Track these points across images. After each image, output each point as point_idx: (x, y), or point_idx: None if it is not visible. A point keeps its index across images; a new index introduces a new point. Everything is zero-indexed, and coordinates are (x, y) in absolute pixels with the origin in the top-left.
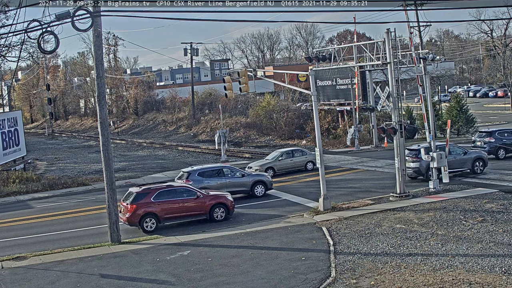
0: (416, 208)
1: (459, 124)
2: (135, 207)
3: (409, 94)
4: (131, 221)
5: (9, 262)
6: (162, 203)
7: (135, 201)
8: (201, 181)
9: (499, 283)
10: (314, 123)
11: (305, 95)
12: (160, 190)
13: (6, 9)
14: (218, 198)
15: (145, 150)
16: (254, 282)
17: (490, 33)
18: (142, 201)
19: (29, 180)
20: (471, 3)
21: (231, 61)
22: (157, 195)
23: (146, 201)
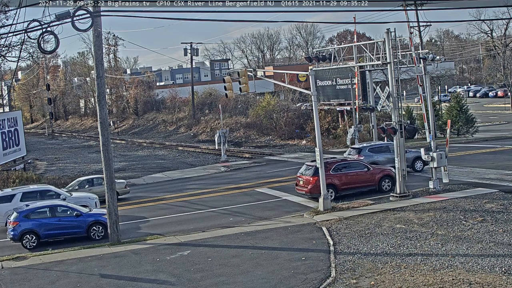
0: (416, 208)
1: (459, 124)
2: (316, 179)
3: (409, 94)
4: (313, 192)
5: (9, 262)
6: (339, 175)
7: (316, 174)
8: (371, 156)
9: (499, 283)
10: (314, 123)
11: (305, 95)
12: (337, 163)
13: (6, 9)
14: (385, 171)
15: (145, 150)
16: (254, 282)
17: (490, 33)
18: None
19: (29, 180)
20: (471, 3)
21: (231, 61)
22: (335, 168)
23: (326, 174)
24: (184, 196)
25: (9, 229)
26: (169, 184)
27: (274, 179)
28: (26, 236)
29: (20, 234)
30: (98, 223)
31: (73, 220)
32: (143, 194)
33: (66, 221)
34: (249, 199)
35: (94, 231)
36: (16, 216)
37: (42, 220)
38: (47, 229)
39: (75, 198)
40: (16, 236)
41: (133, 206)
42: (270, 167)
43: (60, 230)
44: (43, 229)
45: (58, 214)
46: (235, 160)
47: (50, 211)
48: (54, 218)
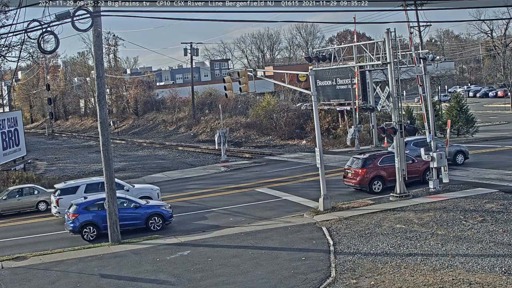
0: (416, 208)
1: (459, 124)
2: (365, 171)
3: (409, 94)
4: (362, 183)
5: (9, 262)
6: (386, 167)
7: (364, 166)
8: (415, 149)
9: (499, 283)
10: (314, 123)
11: (305, 95)
12: (384, 156)
13: (6, 9)
14: (428, 163)
15: (145, 150)
16: (254, 282)
17: (490, 33)
18: (370, 165)
19: (29, 180)
20: (471, 3)
21: (231, 61)
22: (382, 160)
23: (373, 166)
24: (184, 196)
25: (68, 221)
26: (169, 184)
27: (274, 179)
28: (86, 228)
29: (80, 226)
30: (157, 214)
31: (132, 212)
32: None
33: (126, 213)
34: (249, 199)
35: (152, 223)
36: (76, 209)
37: (102, 212)
38: (106, 221)
39: (138, 189)
40: (76, 228)
41: None
42: (270, 167)
43: (120, 221)
44: (102, 221)
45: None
46: (235, 160)
47: None
48: None
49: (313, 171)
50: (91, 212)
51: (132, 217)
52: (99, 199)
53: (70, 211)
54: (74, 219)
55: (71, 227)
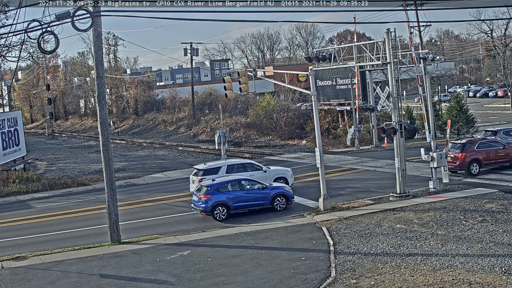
0: (416, 208)
1: (459, 124)
2: (464, 155)
3: (409, 94)
4: (462, 166)
5: (9, 262)
6: (482, 152)
7: (464, 150)
8: (505, 138)
9: (499, 283)
10: (314, 123)
11: (305, 95)
12: (480, 141)
13: (6, 9)
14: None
15: (145, 150)
16: (254, 282)
17: (490, 33)
18: (469, 150)
19: (29, 180)
20: (471, 3)
21: (231, 61)
22: (478, 145)
23: (471, 150)
24: (184, 196)
25: (199, 202)
26: (169, 184)
27: None
28: (217, 209)
29: (212, 207)
30: (282, 195)
31: (259, 193)
32: (143, 194)
33: (253, 193)
34: None
35: (277, 203)
36: (207, 190)
37: (232, 193)
38: (236, 201)
39: (274, 171)
40: (208, 209)
41: (133, 206)
42: None
43: (248, 202)
44: (232, 201)
45: (245, 187)
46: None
47: (238, 184)
48: (242, 191)
49: (313, 171)
50: (222, 193)
51: (259, 197)
52: (229, 181)
53: (201, 192)
54: (206, 200)
55: (203, 207)
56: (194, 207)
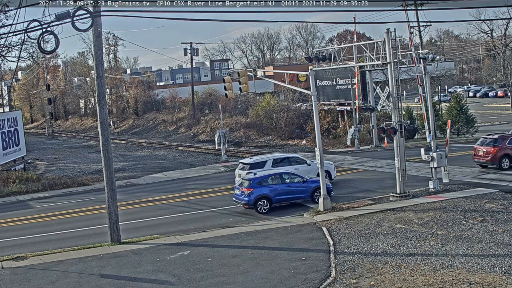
0: (416, 208)
1: (459, 124)
2: (496, 150)
3: (409, 94)
4: (493, 160)
5: (9, 262)
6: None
7: (495, 145)
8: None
9: (499, 283)
10: (314, 123)
11: (305, 95)
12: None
13: (6, 9)
14: None
15: (145, 150)
16: (254, 282)
17: (490, 33)
18: (500, 145)
19: (29, 180)
20: (471, 3)
21: (231, 61)
22: (510, 141)
23: (503, 145)
24: (184, 196)
25: (242, 196)
26: (169, 184)
27: None
28: (260, 202)
29: (255, 200)
30: None
31: (299, 186)
32: (143, 194)
33: (294, 186)
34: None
35: (317, 195)
36: (250, 183)
37: (274, 186)
38: (278, 194)
39: None
40: (251, 202)
41: (133, 206)
42: None
43: (289, 195)
44: (274, 194)
45: (286, 180)
46: (235, 160)
47: (279, 178)
48: (283, 184)
49: None
50: (264, 186)
51: (300, 190)
52: (271, 174)
53: (244, 186)
54: (249, 193)
55: (246, 201)
56: (237, 200)
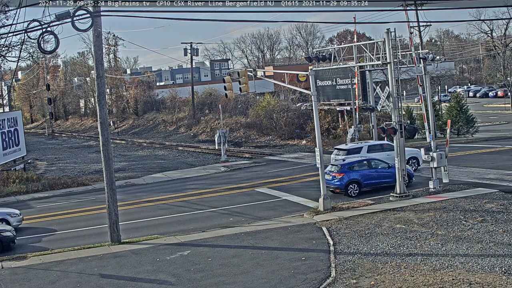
0: (416, 208)
1: (459, 124)
2: None
3: (409, 94)
4: None
5: (9, 262)
6: None
7: None
8: None
9: (499, 283)
10: (314, 123)
11: (305, 95)
12: None
13: (6, 9)
14: None
15: (145, 150)
16: (254, 282)
17: (490, 33)
18: None
19: (29, 180)
20: (471, 3)
21: (231, 61)
22: None
23: None
24: (184, 196)
25: (334, 180)
26: (169, 184)
27: (274, 179)
28: (350, 186)
29: (346, 184)
30: None
31: (385, 171)
32: (143, 194)
33: (381, 172)
34: (249, 199)
35: None
36: (341, 169)
37: (362, 171)
38: (367, 179)
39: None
40: (342, 186)
41: (133, 206)
42: (270, 167)
43: (377, 179)
44: (364, 179)
45: (374, 166)
46: (235, 160)
47: (367, 163)
48: (371, 169)
49: (313, 171)
50: (354, 171)
51: (385, 175)
52: (360, 160)
53: (335, 171)
54: (340, 177)
55: (337, 185)
56: (328, 185)
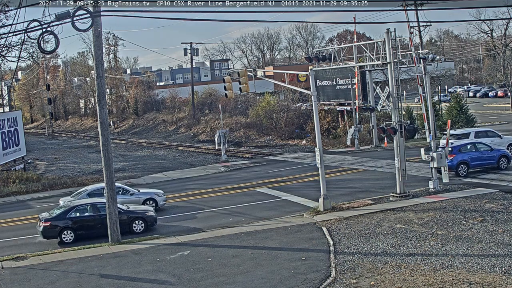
0: (416, 208)
1: (459, 124)
2: None
3: (409, 94)
4: None
5: (9, 262)
6: None
7: None
8: None
9: (499, 283)
10: (314, 123)
11: (305, 95)
12: None
13: (6, 9)
14: None
15: (145, 150)
16: (254, 282)
17: (490, 33)
18: None
19: (29, 180)
20: (471, 3)
21: (231, 61)
22: None
23: None
24: (184, 196)
25: None
26: (169, 184)
27: (274, 179)
28: (460, 166)
29: (457, 164)
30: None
31: (488, 154)
32: None
33: (485, 154)
34: (249, 199)
35: (501, 162)
36: (451, 151)
37: (470, 153)
38: (473, 160)
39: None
40: (453, 166)
41: None
42: (270, 167)
43: (481, 161)
44: (471, 160)
45: (479, 149)
46: (235, 160)
47: (474, 146)
48: (477, 151)
49: (313, 171)
50: (463, 153)
51: (489, 157)
52: (467, 143)
53: None
54: (451, 158)
55: (449, 165)
56: None
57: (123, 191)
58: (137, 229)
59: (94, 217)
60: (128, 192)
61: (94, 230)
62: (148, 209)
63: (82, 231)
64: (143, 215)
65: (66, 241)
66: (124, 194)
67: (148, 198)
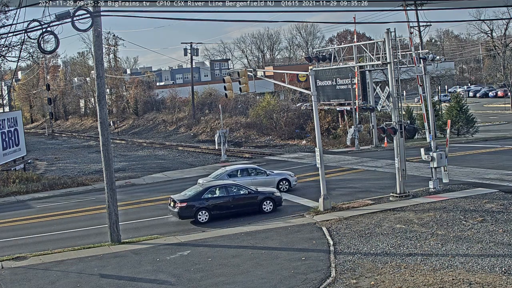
0: (416, 208)
1: (459, 124)
2: None
3: (409, 94)
4: None
5: (9, 262)
6: None
7: None
8: None
9: (499, 283)
10: (314, 123)
11: (305, 95)
12: None
13: (6, 9)
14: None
15: (145, 150)
16: (254, 282)
17: (490, 33)
18: None
19: (29, 180)
20: (471, 3)
21: (231, 61)
22: None
23: None
24: None
25: None
26: (169, 184)
27: None
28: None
29: None
30: None
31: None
32: (143, 194)
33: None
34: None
35: None
36: None
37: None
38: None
39: None
40: None
41: (133, 206)
42: (270, 167)
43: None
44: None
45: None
46: (235, 160)
47: None
48: None
49: (313, 171)
50: None
51: None
52: None
53: None
54: None
55: None
56: None
57: (260, 172)
58: (266, 209)
59: (227, 198)
60: (265, 173)
61: (227, 210)
62: (274, 190)
63: (216, 211)
64: (271, 195)
65: (201, 221)
66: (262, 175)
67: (283, 178)
